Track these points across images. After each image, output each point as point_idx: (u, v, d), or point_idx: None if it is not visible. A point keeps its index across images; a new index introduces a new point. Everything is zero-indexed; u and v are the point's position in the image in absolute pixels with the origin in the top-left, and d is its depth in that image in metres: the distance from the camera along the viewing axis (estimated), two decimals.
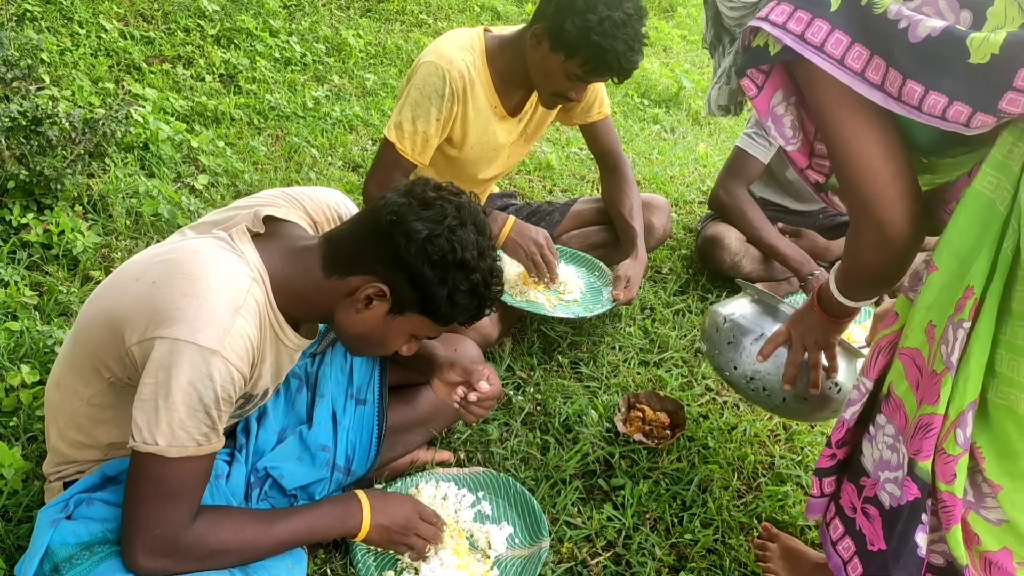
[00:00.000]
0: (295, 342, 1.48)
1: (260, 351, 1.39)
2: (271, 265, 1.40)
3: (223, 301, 1.28)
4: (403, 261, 1.34)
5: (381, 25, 4.62)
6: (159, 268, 1.34)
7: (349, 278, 1.39)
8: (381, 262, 1.36)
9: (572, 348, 2.46)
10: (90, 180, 2.64)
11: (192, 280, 1.29)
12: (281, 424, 1.70)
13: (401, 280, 1.36)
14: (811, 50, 1.23)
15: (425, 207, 1.36)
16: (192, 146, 3.01)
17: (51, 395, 1.50)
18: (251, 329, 1.32)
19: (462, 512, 1.79)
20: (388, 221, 1.35)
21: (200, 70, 3.63)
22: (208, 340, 1.25)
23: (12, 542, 1.59)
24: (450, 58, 2.15)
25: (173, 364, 1.24)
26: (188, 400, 1.25)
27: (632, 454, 2.08)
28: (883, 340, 1.38)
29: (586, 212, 2.69)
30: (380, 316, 1.41)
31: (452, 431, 2.06)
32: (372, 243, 1.37)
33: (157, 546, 1.30)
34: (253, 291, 1.34)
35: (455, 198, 1.39)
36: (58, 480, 1.52)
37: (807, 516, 1.58)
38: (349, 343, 1.52)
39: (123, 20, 3.77)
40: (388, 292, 1.37)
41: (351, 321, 1.42)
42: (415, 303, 1.39)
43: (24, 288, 2.15)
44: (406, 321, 1.42)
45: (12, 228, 2.35)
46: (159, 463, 1.27)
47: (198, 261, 1.32)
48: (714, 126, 4.34)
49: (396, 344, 1.48)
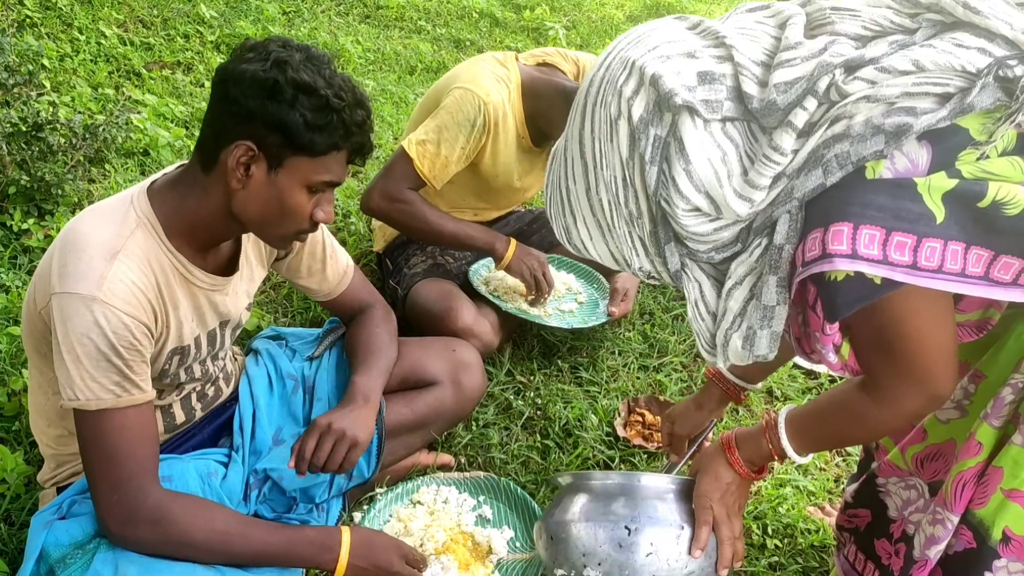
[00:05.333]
0: (206, 281, 1.46)
1: (164, 297, 1.38)
2: (160, 205, 1.39)
3: (100, 249, 1.30)
4: (247, 108, 1.29)
5: (380, 31, 4.63)
6: (60, 237, 1.37)
7: (220, 157, 1.34)
8: (234, 124, 1.31)
9: (572, 353, 2.47)
10: (91, 186, 2.65)
11: (76, 236, 1.32)
12: (276, 423, 1.71)
13: (257, 130, 1.30)
14: (927, 275, 1.05)
15: (247, 51, 1.33)
16: (192, 152, 3.02)
17: (29, 401, 1.54)
18: (133, 273, 1.32)
19: (463, 516, 1.80)
20: (218, 82, 1.33)
21: (200, 76, 3.64)
22: (87, 288, 1.27)
23: (15, 546, 1.59)
24: (488, 90, 2.15)
25: (65, 318, 1.27)
26: (87, 351, 1.28)
27: (632, 458, 2.08)
28: (967, 473, 1.26)
29: None
30: (264, 180, 1.35)
31: (453, 435, 2.07)
32: (218, 112, 1.34)
33: (118, 512, 1.32)
34: (135, 237, 1.34)
35: (278, 39, 1.36)
36: (52, 486, 1.53)
37: None
38: (260, 229, 1.45)
39: (123, 26, 3.78)
40: (255, 147, 1.31)
41: (244, 201, 1.37)
42: (283, 145, 1.32)
43: (25, 293, 2.15)
44: (290, 172, 1.35)
45: (13, 233, 2.35)
46: (89, 420, 1.30)
47: (83, 219, 1.36)
48: None
49: (302, 204, 1.39)
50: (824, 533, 1.93)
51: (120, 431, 1.32)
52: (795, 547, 1.91)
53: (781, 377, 2.48)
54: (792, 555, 1.89)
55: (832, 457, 2.22)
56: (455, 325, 2.14)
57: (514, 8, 5.40)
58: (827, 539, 1.93)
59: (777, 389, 2.43)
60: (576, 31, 5.32)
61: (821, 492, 2.08)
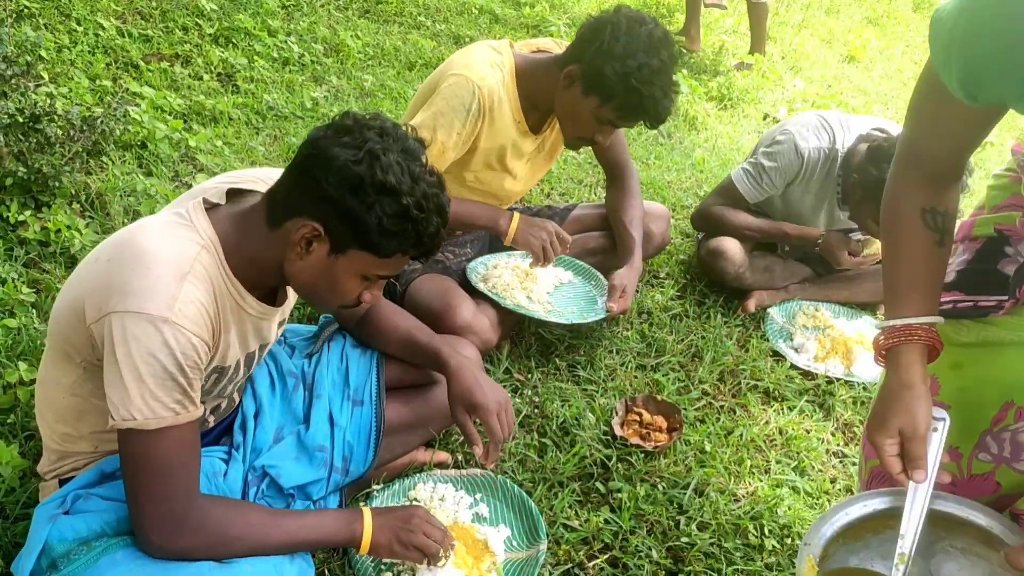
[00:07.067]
0: (257, 309, 1.46)
1: (220, 320, 1.38)
2: (223, 232, 1.38)
3: (169, 269, 1.29)
4: (326, 193, 1.30)
5: (379, 26, 4.62)
6: (111, 247, 1.36)
7: (286, 224, 1.35)
8: (309, 200, 1.32)
9: (570, 351, 2.47)
10: (88, 178, 2.64)
11: (139, 253, 1.30)
12: (278, 423, 1.70)
13: (331, 215, 1.31)
14: None
15: (342, 134, 1.32)
16: (190, 145, 3.01)
17: (38, 392, 1.51)
18: (201, 295, 1.31)
19: (460, 514, 1.79)
20: (306, 155, 1.33)
21: (198, 69, 3.63)
22: (158, 309, 1.25)
23: (9, 540, 1.58)
24: (482, 75, 2.14)
25: (129, 338, 1.25)
26: (153, 371, 1.26)
27: (629, 457, 2.08)
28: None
29: (586, 217, 2.70)
30: (323, 258, 1.37)
31: (450, 432, 2.06)
32: (298, 182, 1.34)
33: (166, 525, 1.31)
34: (201, 258, 1.33)
35: (376, 123, 1.34)
36: (54, 478, 1.51)
37: None
38: (305, 295, 1.48)
39: (121, 18, 3.76)
40: (322, 230, 1.33)
41: (298, 270, 1.39)
42: (351, 237, 1.33)
43: (21, 285, 2.15)
44: (350, 260, 1.37)
45: (9, 225, 2.34)
46: (142, 438, 1.28)
47: (145, 235, 1.33)
48: (711, 132, 4.36)
49: (350, 288, 1.42)
50: None
51: (177, 446, 1.31)
52: (793, 548, 1.91)
53: (779, 377, 2.48)
54: (790, 555, 1.89)
55: (829, 459, 2.22)
56: (454, 322, 2.14)
57: (514, 5, 5.38)
58: None
59: (774, 389, 2.43)
60: (576, 28, 5.31)
61: (818, 493, 2.08)
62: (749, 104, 4.76)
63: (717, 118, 4.57)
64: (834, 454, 2.25)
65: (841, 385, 2.50)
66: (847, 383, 2.51)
